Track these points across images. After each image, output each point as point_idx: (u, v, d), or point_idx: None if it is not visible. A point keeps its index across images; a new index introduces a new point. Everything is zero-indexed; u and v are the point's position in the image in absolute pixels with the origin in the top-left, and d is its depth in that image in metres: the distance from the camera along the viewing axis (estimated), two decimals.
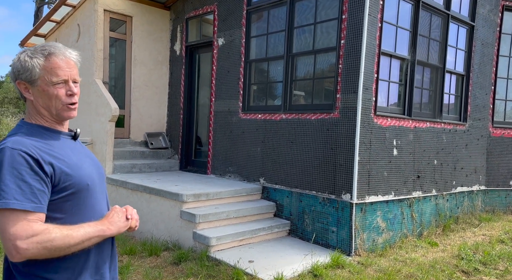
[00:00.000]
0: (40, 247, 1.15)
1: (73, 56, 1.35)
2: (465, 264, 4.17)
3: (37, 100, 1.32)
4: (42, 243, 1.16)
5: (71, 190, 1.28)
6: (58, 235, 1.18)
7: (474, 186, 6.30)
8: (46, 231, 1.17)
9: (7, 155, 1.19)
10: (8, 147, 1.20)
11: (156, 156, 6.79)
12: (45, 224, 1.20)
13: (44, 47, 1.32)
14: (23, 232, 1.14)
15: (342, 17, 4.55)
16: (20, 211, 1.16)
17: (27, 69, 1.29)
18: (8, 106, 18.08)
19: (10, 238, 1.14)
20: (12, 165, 1.18)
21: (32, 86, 1.31)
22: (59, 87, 1.31)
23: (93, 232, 1.27)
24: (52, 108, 1.33)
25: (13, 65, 1.32)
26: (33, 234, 1.15)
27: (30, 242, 1.14)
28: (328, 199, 4.61)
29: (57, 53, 1.31)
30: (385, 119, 4.70)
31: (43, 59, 1.30)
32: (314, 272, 3.79)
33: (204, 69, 6.79)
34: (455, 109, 6.08)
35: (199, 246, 4.29)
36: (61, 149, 1.31)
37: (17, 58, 1.31)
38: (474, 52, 6.11)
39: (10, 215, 1.15)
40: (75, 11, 6.82)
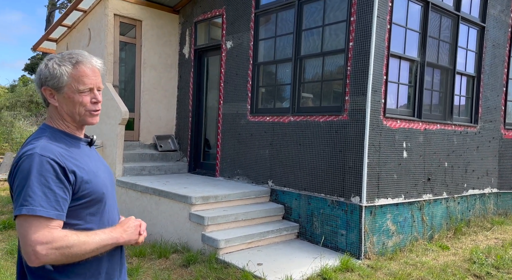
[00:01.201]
0: (58, 253, 1.18)
1: (99, 64, 1.38)
2: (477, 268, 4.11)
3: (61, 106, 1.35)
4: (60, 250, 1.18)
5: (89, 198, 1.31)
6: (76, 242, 1.21)
7: (486, 189, 6.20)
8: (65, 238, 1.20)
9: (36, 162, 1.21)
10: (37, 153, 1.23)
11: (165, 159, 6.83)
12: (64, 231, 1.22)
13: (71, 55, 1.34)
14: (44, 238, 1.17)
15: (350, 19, 4.54)
16: (44, 218, 1.19)
17: (55, 76, 1.31)
18: (21, 109, 18.40)
19: (31, 243, 1.16)
20: (40, 172, 1.20)
21: (58, 93, 1.33)
22: (84, 95, 1.34)
23: (108, 240, 1.29)
24: (76, 114, 1.35)
25: (40, 72, 1.34)
26: (53, 241, 1.18)
27: (49, 248, 1.17)
28: (337, 202, 4.58)
29: (85, 61, 1.34)
30: (394, 121, 4.66)
31: (71, 67, 1.32)
32: (323, 275, 3.77)
33: (212, 72, 6.83)
34: (466, 111, 6.00)
35: (207, 249, 4.31)
36: (80, 156, 1.34)
37: (45, 65, 1.33)
38: (485, 53, 6.04)
39: (33, 221, 1.18)
40: (86, 16, 6.92)
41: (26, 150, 1.25)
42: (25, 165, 1.22)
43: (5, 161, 9.82)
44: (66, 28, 7.56)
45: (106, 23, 6.35)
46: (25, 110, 18.43)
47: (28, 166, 1.21)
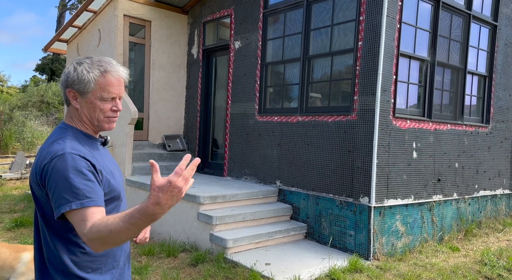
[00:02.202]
0: (97, 243, 1.17)
1: (125, 74, 1.42)
2: (488, 270, 4.05)
3: (82, 109, 1.39)
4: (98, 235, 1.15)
5: (109, 196, 1.36)
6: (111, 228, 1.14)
7: (498, 190, 6.11)
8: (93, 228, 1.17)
9: (69, 160, 1.25)
10: (68, 152, 1.26)
11: (174, 158, 6.87)
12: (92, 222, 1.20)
13: (101, 62, 1.38)
14: (89, 230, 1.17)
15: (359, 18, 4.51)
16: (90, 209, 1.21)
17: (82, 81, 1.35)
18: (32, 109, 18.68)
19: (83, 235, 1.18)
20: (76, 168, 1.25)
21: (82, 96, 1.37)
22: (106, 102, 1.38)
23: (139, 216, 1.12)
24: (94, 119, 1.40)
25: (68, 74, 1.37)
26: (91, 227, 1.17)
27: (92, 236, 1.16)
28: (346, 202, 4.56)
29: (112, 71, 1.38)
30: (404, 121, 4.62)
31: (99, 75, 1.36)
32: (332, 276, 3.75)
33: (220, 72, 6.84)
34: (477, 111, 5.92)
35: (216, 248, 4.32)
36: (100, 157, 1.39)
37: (74, 68, 1.37)
38: (497, 53, 5.95)
39: (80, 213, 1.20)
40: (96, 17, 7.00)
41: (56, 150, 1.28)
42: (60, 165, 1.24)
43: (16, 160, 9.97)
44: (77, 29, 7.65)
45: (116, 23, 6.41)
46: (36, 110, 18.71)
47: (64, 164, 1.24)
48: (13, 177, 9.09)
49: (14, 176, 9.12)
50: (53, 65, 26.90)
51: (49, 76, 26.78)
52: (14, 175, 9.22)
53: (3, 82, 25.89)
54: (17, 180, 9.00)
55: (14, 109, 16.96)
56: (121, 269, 1.44)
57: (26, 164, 10.02)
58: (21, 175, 9.23)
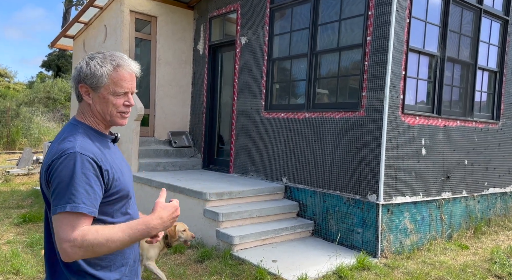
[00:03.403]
0: (81, 251, 1.19)
1: (137, 69, 1.42)
2: (498, 269, 3.99)
3: (94, 104, 1.38)
4: (84, 248, 1.19)
5: (117, 195, 1.35)
6: (99, 241, 1.20)
7: (508, 188, 6.02)
8: (86, 236, 1.20)
9: (78, 160, 1.25)
10: (78, 152, 1.26)
11: (180, 155, 6.86)
12: (85, 228, 1.22)
13: (113, 57, 1.37)
14: (70, 236, 1.19)
15: (368, 13, 4.44)
16: (82, 215, 1.22)
17: (95, 76, 1.34)
18: (38, 105, 18.80)
19: (61, 241, 1.19)
20: (82, 170, 1.24)
21: (94, 91, 1.36)
22: (119, 97, 1.38)
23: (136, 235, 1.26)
24: (107, 114, 1.39)
25: (81, 69, 1.36)
26: (76, 238, 1.19)
27: (73, 245, 1.18)
28: (353, 200, 4.52)
29: (125, 65, 1.37)
30: (413, 118, 4.55)
31: (112, 70, 1.35)
32: (339, 273, 3.72)
33: (226, 68, 6.80)
34: (487, 107, 5.82)
35: (222, 245, 4.31)
36: (109, 154, 1.38)
37: (86, 63, 1.36)
38: (508, 48, 5.84)
39: (67, 218, 1.20)
40: (102, 12, 6.98)
41: (66, 148, 1.27)
42: (67, 163, 1.24)
43: (24, 156, 10.04)
44: (83, 25, 7.64)
45: (122, 19, 6.38)
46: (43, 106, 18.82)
47: (71, 164, 1.24)
48: (20, 173, 9.15)
49: (22, 172, 9.19)
50: (59, 61, 27.02)
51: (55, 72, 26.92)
52: (21, 171, 9.29)
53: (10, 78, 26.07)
54: (24, 176, 9.06)
55: (21, 105, 17.08)
56: (131, 266, 1.44)
57: (33, 160, 10.09)
58: (28, 171, 9.30)
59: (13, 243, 4.37)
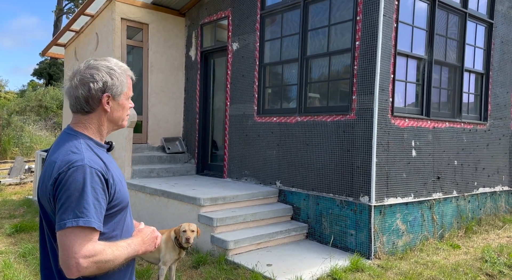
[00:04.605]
0: (95, 266, 1.20)
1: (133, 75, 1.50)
2: (489, 267, 4.06)
3: (112, 112, 1.40)
4: (98, 263, 1.20)
5: (118, 207, 1.35)
6: (110, 257, 1.23)
7: (497, 187, 6.13)
8: (103, 252, 1.22)
9: (87, 173, 1.23)
10: (87, 165, 1.24)
11: (173, 161, 6.87)
12: (101, 244, 1.24)
13: (121, 64, 1.43)
14: (88, 251, 1.18)
15: (356, 18, 4.53)
16: (91, 230, 1.21)
17: (121, 83, 1.39)
18: (30, 114, 18.65)
19: (75, 256, 1.17)
20: (91, 184, 1.23)
21: (114, 99, 1.39)
22: (129, 101, 1.46)
23: (132, 252, 1.33)
24: (120, 119, 1.44)
25: (105, 79, 1.35)
26: (95, 254, 1.20)
27: (91, 261, 1.19)
28: (346, 202, 4.57)
29: (129, 71, 1.46)
30: (402, 120, 4.63)
31: (126, 77, 1.43)
32: (333, 275, 3.76)
33: (219, 73, 6.85)
34: (475, 109, 5.94)
35: (217, 250, 4.32)
36: (110, 165, 1.36)
37: (107, 73, 1.36)
38: (493, 50, 5.97)
39: (81, 233, 1.19)
40: (94, 20, 7.00)
41: (73, 160, 1.24)
42: (77, 176, 1.21)
43: (15, 165, 9.95)
44: (74, 33, 7.65)
45: (114, 27, 6.41)
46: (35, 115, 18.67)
47: (81, 177, 1.22)
48: (12, 182, 9.07)
49: (13, 181, 9.10)
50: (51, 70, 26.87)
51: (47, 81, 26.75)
52: (13, 180, 9.20)
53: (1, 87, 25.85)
54: (16, 185, 8.98)
55: (12, 114, 16.93)
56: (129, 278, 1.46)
57: (25, 169, 10.00)
58: (20, 180, 9.21)
59: (5, 254, 4.34)
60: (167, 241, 3.39)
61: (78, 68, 1.38)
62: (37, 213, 6.35)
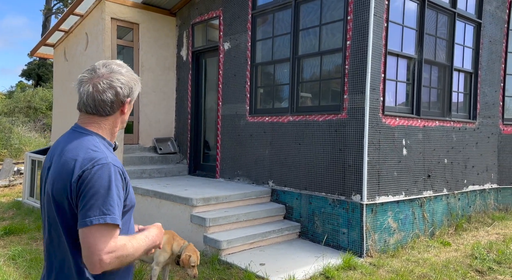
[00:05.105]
0: (117, 261, 1.23)
1: None
2: (479, 264, 4.12)
3: (126, 115, 1.46)
4: (120, 258, 1.23)
5: (128, 207, 1.38)
6: (131, 251, 1.27)
7: (486, 185, 6.22)
8: (125, 247, 1.25)
9: (112, 172, 1.26)
10: (111, 163, 1.27)
11: (165, 161, 6.83)
12: (122, 239, 1.26)
13: (127, 69, 1.46)
14: (111, 248, 1.21)
15: (347, 18, 4.56)
16: (115, 227, 1.23)
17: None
18: (19, 115, 18.38)
19: (99, 253, 1.19)
20: (115, 182, 1.26)
21: (130, 103, 1.45)
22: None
23: (150, 245, 1.38)
24: (124, 122, 1.49)
25: (131, 85, 1.42)
26: (117, 250, 1.22)
27: (113, 257, 1.21)
28: (338, 201, 4.59)
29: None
30: (393, 119, 4.67)
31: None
32: (326, 274, 3.77)
33: (210, 73, 6.84)
34: (464, 107, 6.02)
35: (210, 250, 4.31)
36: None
37: (132, 79, 1.42)
38: (482, 50, 6.06)
39: (105, 230, 1.21)
40: (83, 20, 6.93)
41: (97, 157, 1.26)
42: (102, 174, 1.24)
43: (4, 167, 9.80)
44: (63, 33, 7.56)
45: (103, 27, 6.35)
46: (23, 116, 18.40)
47: (107, 175, 1.24)
48: (1, 184, 8.93)
49: (2, 184, 8.96)
50: (39, 70, 26.50)
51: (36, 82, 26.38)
52: (2, 182, 9.06)
53: None
54: (5, 188, 8.84)
55: (0, 116, 16.66)
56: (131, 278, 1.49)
57: (14, 171, 9.86)
58: (9, 182, 9.07)
59: None
60: (166, 244, 3.37)
61: (99, 72, 1.38)
62: (27, 215, 6.25)
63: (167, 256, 3.38)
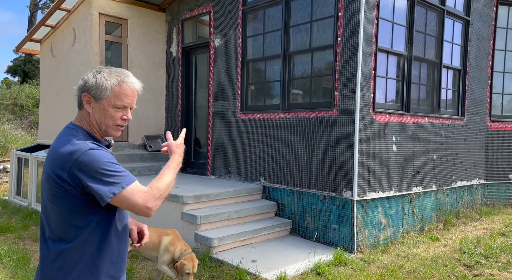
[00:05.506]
0: (159, 200, 1.43)
1: (139, 87, 1.55)
2: (467, 258, 4.18)
3: (93, 114, 1.49)
4: (159, 197, 1.43)
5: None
6: (163, 187, 1.46)
7: (474, 180, 6.32)
8: (156, 189, 1.43)
9: (96, 153, 1.39)
10: (92, 148, 1.39)
11: (155, 159, 6.77)
12: (150, 185, 1.45)
13: (118, 73, 1.50)
14: (146, 198, 1.40)
15: (338, 14, 4.55)
16: (135, 183, 1.41)
17: (100, 87, 1.46)
18: (4, 112, 18.01)
19: (140, 207, 1.39)
20: (106, 158, 1.39)
21: (96, 102, 1.48)
22: (117, 110, 1.50)
23: (177, 168, 1.57)
24: (103, 124, 1.50)
25: (87, 80, 1.48)
26: (152, 196, 1.41)
27: (152, 200, 1.41)
28: (329, 197, 4.61)
29: (128, 82, 1.50)
30: (383, 116, 4.70)
31: (116, 84, 1.47)
32: (317, 270, 3.79)
33: (201, 70, 6.78)
34: (453, 104, 6.09)
35: (201, 247, 4.28)
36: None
37: (93, 75, 1.48)
38: (470, 47, 6.13)
39: (130, 190, 1.39)
40: (70, 15, 6.80)
41: (80, 147, 1.38)
42: (92, 158, 1.37)
43: None
44: (50, 28, 7.40)
45: (91, 22, 6.24)
46: (9, 113, 18.04)
47: (95, 157, 1.37)
48: None
49: None
50: (26, 67, 25.98)
51: (22, 78, 25.86)
52: None
53: None
54: None
55: None
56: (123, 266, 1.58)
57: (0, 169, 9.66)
58: None
59: None
60: (170, 245, 3.33)
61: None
62: (13, 213, 6.14)
63: (170, 257, 3.35)
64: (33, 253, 4.35)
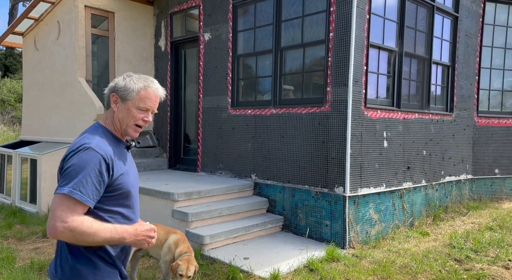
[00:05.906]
0: (70, 234, 1.40)
1: (163, 94, 1.68)
2: (457, 253, 4.23)
3: (118, 112, 1.63)
4: (73, 232, 1.39)
5: (119, 191, 1.57)
6: (85, 230, 1.41)
7: (462, 175, 6.41)
8: (81, 223, 1.41)
9: (90, 155, 1.47)
10: (92, 148, 1.49)
11: (144, 155, 6.65)
12: (83, 217, 1.43)
13: (146, 79, 1.65)
14: (65, 218, 1.39)
15: (330, 9, 4.52)
16: (75, 200, 1.42)
17: (127, 89, 1.61)
18: None
19: (55, 218, 1.40)
20: (89, 163, 1.46)
21: (122, 102, 1.62)
22: (140, 112, 1.63)
23: (116, 238, 1.49)
24: (124, 123, 1.63)
25: (117, 82, 1.64)
26: (71, 222, 1.39)
27: (65, 227, 1.39)
28: (321, 193, 4.60)
29: (153, 87, 1.65)
30: (375, 111, 4.70)
31: (142, 88, 1.62)
32: (310, 266, 3.78)
33: (190, 65, 6.67)
34: (442, 100, 6.15)
35: (193, 245, 4.21)
36: (119, 156, 1.61)
37: (123, 78, 1.64)
38: (458, 43, 6.19)
39: (66, 201, 1.41)
40: (54, 8, 6.58)
41: (83, 143, 1.51)
42: (81, 155, 1.47)
43: None
44: (33, 21, 7.16)
45: (77, 15, 6.05)
46: None
47: (83, 156, 1.47)
48: None
49: None
50: (7, 60, 25.21)
51: (3, 72, 25.11)
52: None
53: None
54: None
55: None
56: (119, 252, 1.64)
57: None
58: None
59: None
60: (174, 245, 3.31)
61: None
62: None
63: (172, 256, 3.32)
64: (18, 253, 4.22)
